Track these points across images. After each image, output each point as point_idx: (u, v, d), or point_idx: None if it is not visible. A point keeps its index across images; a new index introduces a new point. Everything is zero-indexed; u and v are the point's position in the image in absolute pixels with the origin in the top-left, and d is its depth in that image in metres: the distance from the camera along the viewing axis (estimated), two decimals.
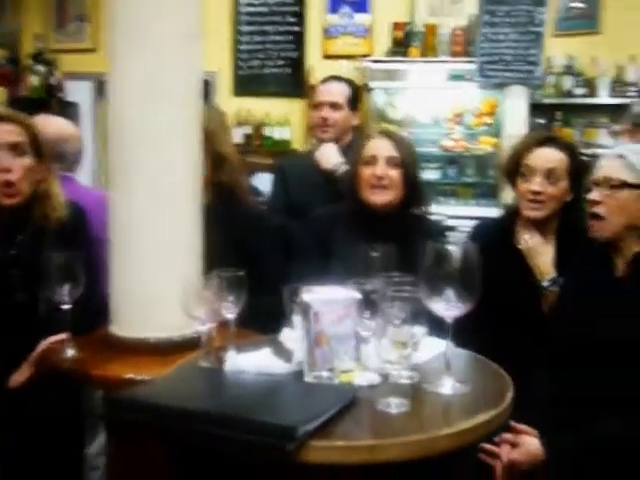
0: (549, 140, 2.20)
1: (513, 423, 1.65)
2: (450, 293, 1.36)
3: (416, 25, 5.24)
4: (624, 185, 1.75)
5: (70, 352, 1.74)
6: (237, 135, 5.30)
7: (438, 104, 5.31)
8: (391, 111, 5.28)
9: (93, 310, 1.83)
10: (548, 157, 2.14)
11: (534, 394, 1.76)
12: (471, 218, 4.35)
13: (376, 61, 5.24)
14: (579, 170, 2.14)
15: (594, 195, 1.80)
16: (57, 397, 1.80)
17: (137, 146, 1.79)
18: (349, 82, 3.00)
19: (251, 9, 5.54)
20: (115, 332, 1.80)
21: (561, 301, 1.99)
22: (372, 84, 5.13)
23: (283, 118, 5.55)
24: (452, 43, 5.17)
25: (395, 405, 1.29)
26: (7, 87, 5.21)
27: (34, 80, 5.40)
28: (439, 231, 2.33)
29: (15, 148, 1.89)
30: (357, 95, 2.98)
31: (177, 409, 1.25)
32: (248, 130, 5.53)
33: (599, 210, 1.78)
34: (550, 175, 2.11)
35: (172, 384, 1.41)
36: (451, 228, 2.43)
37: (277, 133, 5.55)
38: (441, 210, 4.24)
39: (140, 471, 1.58)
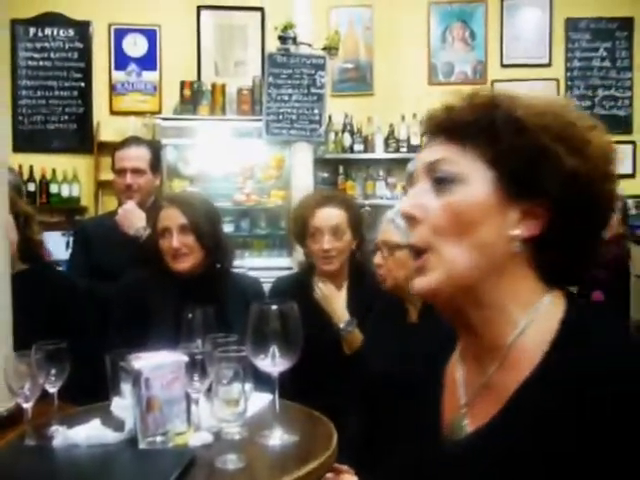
0: (327, 200, 2.46)
1: (334, 464, 1.78)
2: (275, 350, 1.47)
3: (203, 84, 5.40)
4: (397, 246, 2.01)
5: None
6: None
7: (228, 159, 5.48)
8: (183, 167, 5.35)
9: None
10: (330, 216, 2.40)
11: (348, 434, 1.92)
12: (265, 269, 4.54)
13: (166, 119, 5.30)
14: (357, 220, 2.48)
15: (377, 259, 2.07)
16: None
17: None
18: (149, 144, 3.03)
19: (32, 63, 5.35)
20: None
21: (363, 345, 2.21)
22: (163, 141, 5.17)
23: (71, 174, 5.39)
24: (239, 102, 5.40)
25: (232, 461, 1.35)
26: None
27: None
28: (251, 285, 2.42)
29: None
30: (157, 156, 3.02)
31: None
32: (32, 187, 5.28)
33: (381, 271, 2.08)
34: (335, 232, 2.36)
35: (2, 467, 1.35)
36: (259, 281, 2.54)
37: (65, 190, 5.36)
38: (237, 263, 4.36)
39: None
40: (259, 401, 1.65)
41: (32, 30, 5.37)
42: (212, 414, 1.44)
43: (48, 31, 5.40)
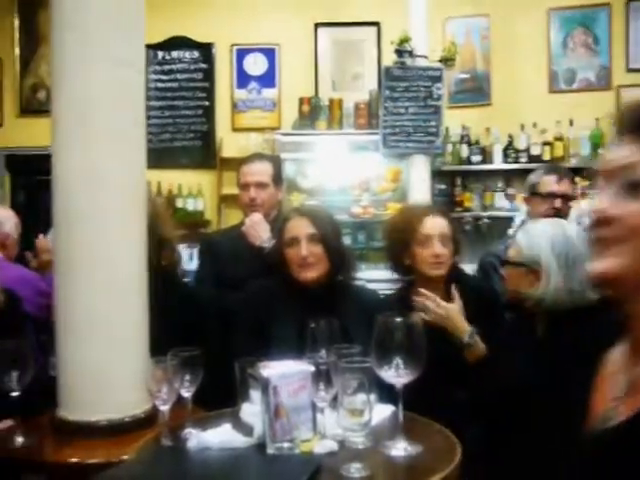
0: (431, 209, 2.49)
1: None
2: (399, 361, 1.49)
3: (321, 99, 5.51)
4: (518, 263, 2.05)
5: (19, 439, 1.73)
6: None
7: (345, 173, 5.56)
8: (301, 180, 5.47)
9: (37, 392, 1.84)
10: (438, 224, 2.40)
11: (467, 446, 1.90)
12: (382, 281, 4.55)
13: (285, 134, 5.45)
14: (456, 231, 2.47)
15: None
16: None
17: (82, 230, 1.84)
18: (272, 159, 3.13)
19: (160, 85, 5.67)
20: (65, 416, 1.81)
21: (491, 358, 2.17)
22: (282, 155, 5.31)
23: (195, 189, 5.64)
24: (356, 116, 5.47)
25: (356, 470, 1.38)
26: None
27: None
28: (371, 297, 2.44)
29: None
30: (280, 170, 3.12)
31: None
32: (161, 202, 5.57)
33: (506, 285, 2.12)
34: (443, 239, 2.36)
35: (137, 468, 1.44)
36: (375, 292, 2.56)
37: (190, 204, 5.62)
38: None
39: None
40: (382, 412, 1.67)
41: (160, 54, 5.68)
42: (337, 423, 1.48)
43: (175, 54, 5.69)
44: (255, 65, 5.71)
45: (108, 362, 1.81)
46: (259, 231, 2.83)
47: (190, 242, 5.12)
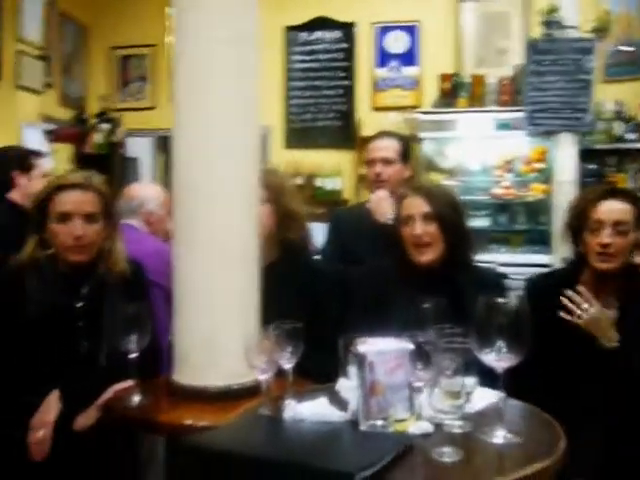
0: (612, 193, 2.23)
1: None
2: (501, 344, 1.41)
3: (463, 76, 5.34)
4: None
5: (136, 399, 1.83)
6: None
7: (487, 152, 5.37)
8: (441, 160, 5.36)
9: (154, 357, 1.93)
10: (614, 209, 2.16)
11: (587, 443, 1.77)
12: (522, 265, 4.36)
13: (425, 112, 5.35)
14: None
15: None
16: (116, 442, 1.88)
17: (199, 201, 1.90)
18: (399, 137, 3.09)
19: (303, 65, 5.75)
20: (178, 380, 1.89)
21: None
22: (422, 134, 5.23)
23: (334, 169, 5.69)
24: (499, 93, 5.25)
25: (448, 454, 1.32)
26: (74, 145, 5.52)
27: (98, 138, 5.70)
28: (493, 279, 2.33)
29: (90, 217, 2.03)
30: (407, 148, 3.06)
31: (238, 455, 1.31)
32: (299, 181, 5.68)
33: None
34: (618, 227, 2.13)
35: (234, 431, 1.48)
36: (504, 275, 2.43)
37: (328, 184, 5.69)
38: (492, 258, 4.26)
39: None
40: (487, 397, 1.59)
41: (303, 35, 5.77)
42: (431, 405, 1.43)
43: (317, 34, 5.75)
44: (396, 43, 5.64)
45: (220, 331, 1.86)
46: (384, 207, 2.80)
47: (327, 221, 5.18)
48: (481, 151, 5.39)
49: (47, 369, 1.93)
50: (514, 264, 4.42)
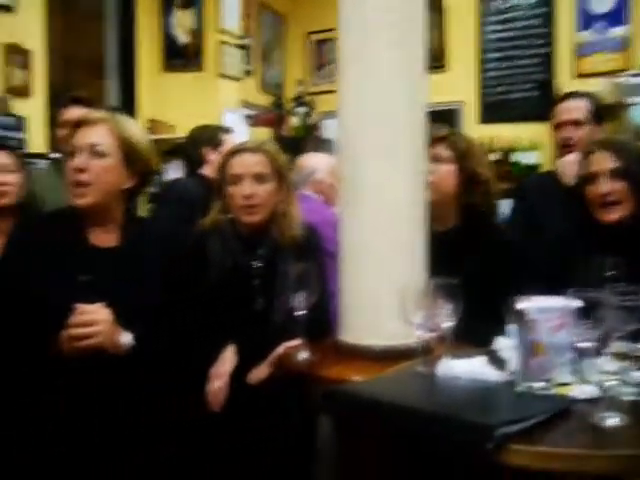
0: None
1: None
2: None
3: None
4: None
5: (304, 355, 1.89)
6: None
7: None
8: None
9: (322, 317, 1.98)
10: None
11: None
12: None
13: (635, 75, 4.88)
14: None
15: None
16: (288, 393, 1.95)
17: (365, 168, 1.91)
18: (589, 96, 2.87)
19: (496, 35, 5.53)
20: (343, 339, 1.92)
21: None
22: (630, 100, 4.78)
23: (532, 143, 5.41)
24: None
25: (610, 420, 1.21)
26: (272, 128, 5.82)
27: (295, 121, 5.95)
28: None
29: (259, 177, 2.12)
30: (600, 108, 2.84)
31: (390, 405, 1.31)
32: (496, 157, 5.48)
33: None
34: None
35: (388, 383, 1.49)
36: None
37: (525, 158, 5.42)
38: None
39: (367, 464, 1.65)
40: None
41: (497, 3, 5.54)
42: (597, 367, 1.31)
43: (513, 1, 5.49)
44: (601, 2, 5.20)
45: (384, 292, 1.86)
46: (574, 171, 2.63)
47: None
48: None
49: (225, 325, 2.06)
50: None
